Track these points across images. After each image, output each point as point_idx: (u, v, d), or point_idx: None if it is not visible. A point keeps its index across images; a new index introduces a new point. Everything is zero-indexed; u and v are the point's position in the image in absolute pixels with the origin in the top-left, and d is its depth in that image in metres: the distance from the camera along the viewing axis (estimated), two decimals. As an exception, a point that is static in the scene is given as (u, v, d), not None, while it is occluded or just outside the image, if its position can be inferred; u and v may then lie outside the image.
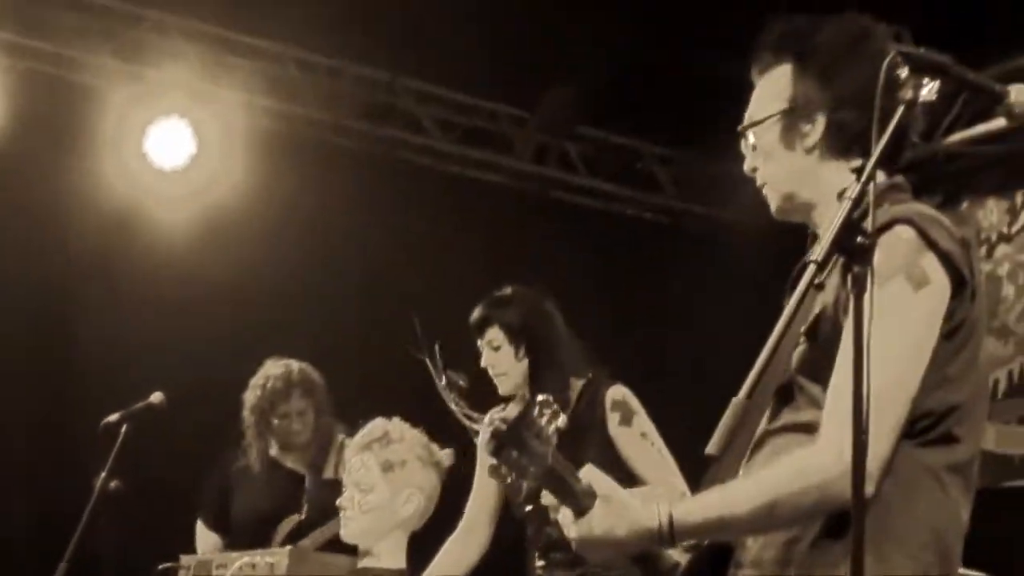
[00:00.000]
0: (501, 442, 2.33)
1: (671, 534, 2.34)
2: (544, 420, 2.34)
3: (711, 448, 2.09)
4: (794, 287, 2.35)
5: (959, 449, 2.41)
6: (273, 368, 5.65)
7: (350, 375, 5.82)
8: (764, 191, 2.68)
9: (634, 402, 4.49)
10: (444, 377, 4.26)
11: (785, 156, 2.61)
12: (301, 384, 5.60)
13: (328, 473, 5.54)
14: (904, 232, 2.37)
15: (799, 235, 2.76)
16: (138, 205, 7.24)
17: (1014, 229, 8.17)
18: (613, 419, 4.42)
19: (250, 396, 5.64)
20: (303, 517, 5.30)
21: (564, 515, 2.41)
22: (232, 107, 7.57)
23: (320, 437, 5.59)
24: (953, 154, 8.20)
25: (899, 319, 2.30)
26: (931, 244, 2.35)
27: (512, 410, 2.35)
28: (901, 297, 2.32)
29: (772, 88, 2.63)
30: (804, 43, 2.60)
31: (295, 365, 5.65)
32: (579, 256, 8.13)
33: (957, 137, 7.98)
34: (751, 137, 2.66)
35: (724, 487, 2.39)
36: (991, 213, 8.33)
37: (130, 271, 7.10)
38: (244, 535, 5.45)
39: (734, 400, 2.10)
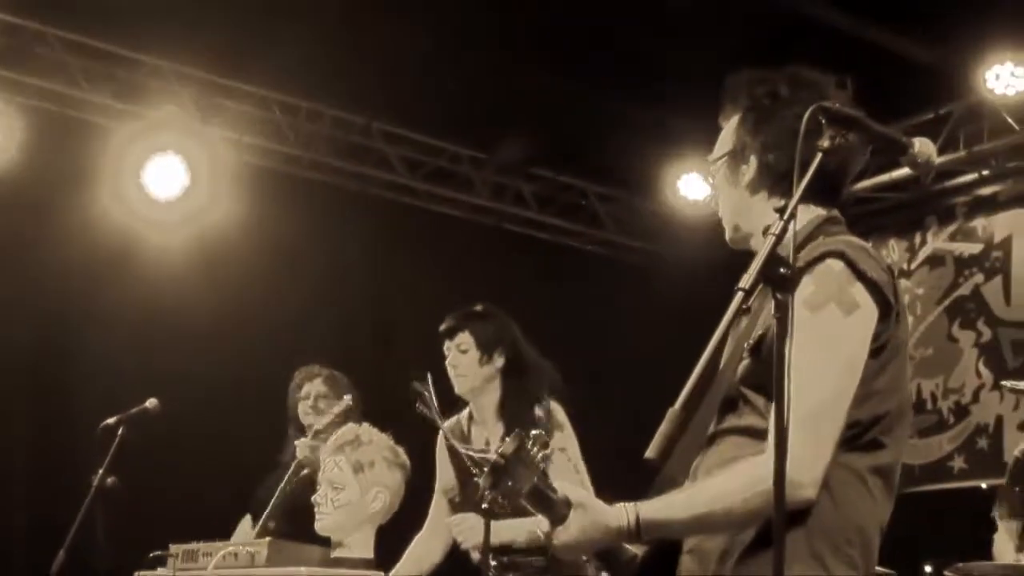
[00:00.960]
0: (499, 474, 2.34)
1: (637, 532, 2.36)
2: (535, 450, 2.37)
3: (650, 452, 2.10)
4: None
5: (883, 454, 2.43)
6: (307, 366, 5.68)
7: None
8: (722, 221, 2.72)
9: (560, 416, 4.43)
10: (442, 419, 4.22)
11: (730, 192, 2.65)
12: (327, 376, 5.61)
13: None
14: (835, 264, 2.38)
15: (723, 269, 2.78)
16: (136, 231, 7.22)
17: (913, 266, 8.28)
18: None
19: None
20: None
21: (541, 524, 2.44)
22: (221, 144, 7.56)
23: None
24: (861, 199, 8.31)
25: (834, 341, 2.33)
26: (859, 274, 2.37)
27: (509, 445, 2.35)
28: (834, 322, 2.33)
29: (726, 134, 2.68)
30: (747, 94, 2.64)
31: (327, 368, 5.66)
32: (529, 282, 8.15)
33: (865, 184, 8.09)
34: (711, 173, 2.72)
35: (685, 490, 2.41)
36: (893, 251, 8.43)
37: (128, 291, 7.06)
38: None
39: (670, 410, 2.11)
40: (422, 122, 8.16)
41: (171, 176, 7.32)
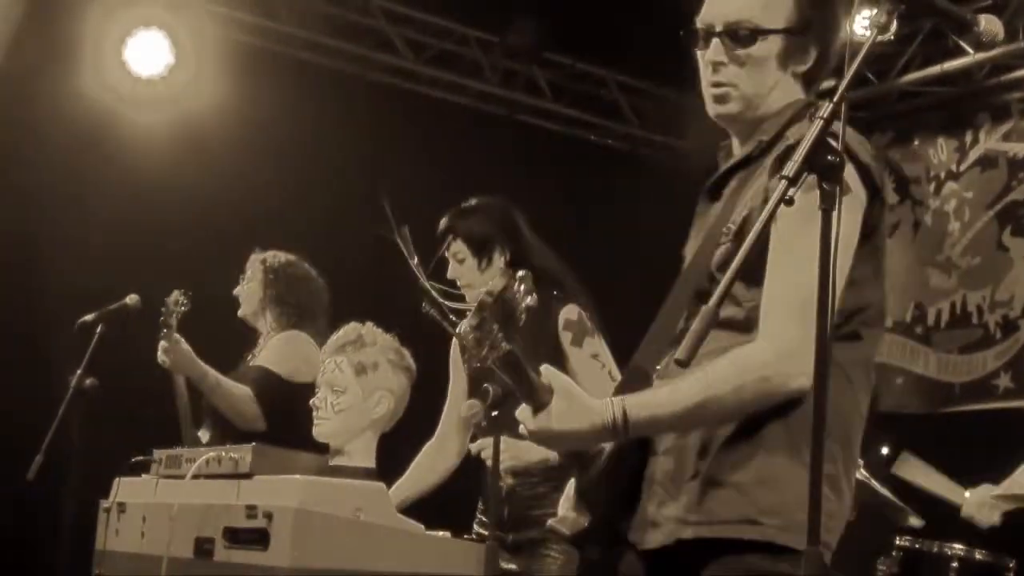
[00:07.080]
0: (485, 313, 2.33)
1: (624, 428, 2.40)
2: (519, 295, 2.35)
3: (679, 354, 2.10)
4: (712, 196, 2.62)
5: (862, 346, 2.52)
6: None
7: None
8: (724, 90, 2.66)
9: (587, 323, 4.37)
10: (416, 257, 4.11)
11: (773, 74, 2.63)
12: (261, 260, 5.53)
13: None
14: None
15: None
16: (116, 113, 7.18)
17: (962, 167, 8.23)
18: (565, 338, 4.30)
19: None
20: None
21: (522, 411, 2.44)
22: (209, 19, 7.50)
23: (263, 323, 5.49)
24: (906, 93, 8.25)
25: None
26: (851, 156, 2.39)
27: (497, 283, 2.34)
28: None
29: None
30: None
31: (276, 253, 5.60)
32: (540, 179, 8.11)
33: (912, 76, 8.02)
34: (756, 41, 2.62)
35: (671, 383, 2.45)
36: (941, 151, 8.38)
37: (108, 177, 7.04)
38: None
39: (704, 308, 2.12)
40: (428, 1, 8.08)
41: (154, 53, 7.27)
